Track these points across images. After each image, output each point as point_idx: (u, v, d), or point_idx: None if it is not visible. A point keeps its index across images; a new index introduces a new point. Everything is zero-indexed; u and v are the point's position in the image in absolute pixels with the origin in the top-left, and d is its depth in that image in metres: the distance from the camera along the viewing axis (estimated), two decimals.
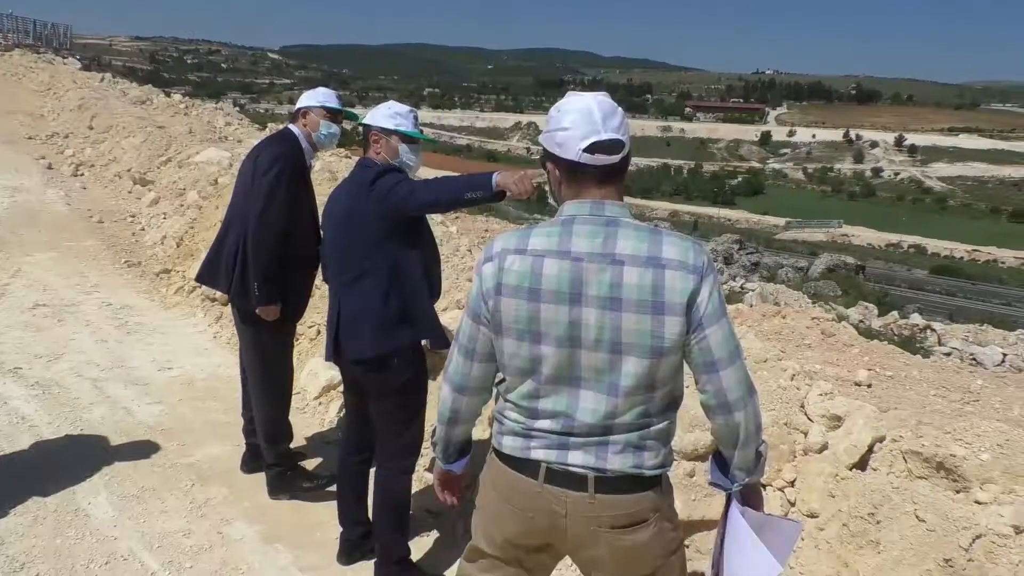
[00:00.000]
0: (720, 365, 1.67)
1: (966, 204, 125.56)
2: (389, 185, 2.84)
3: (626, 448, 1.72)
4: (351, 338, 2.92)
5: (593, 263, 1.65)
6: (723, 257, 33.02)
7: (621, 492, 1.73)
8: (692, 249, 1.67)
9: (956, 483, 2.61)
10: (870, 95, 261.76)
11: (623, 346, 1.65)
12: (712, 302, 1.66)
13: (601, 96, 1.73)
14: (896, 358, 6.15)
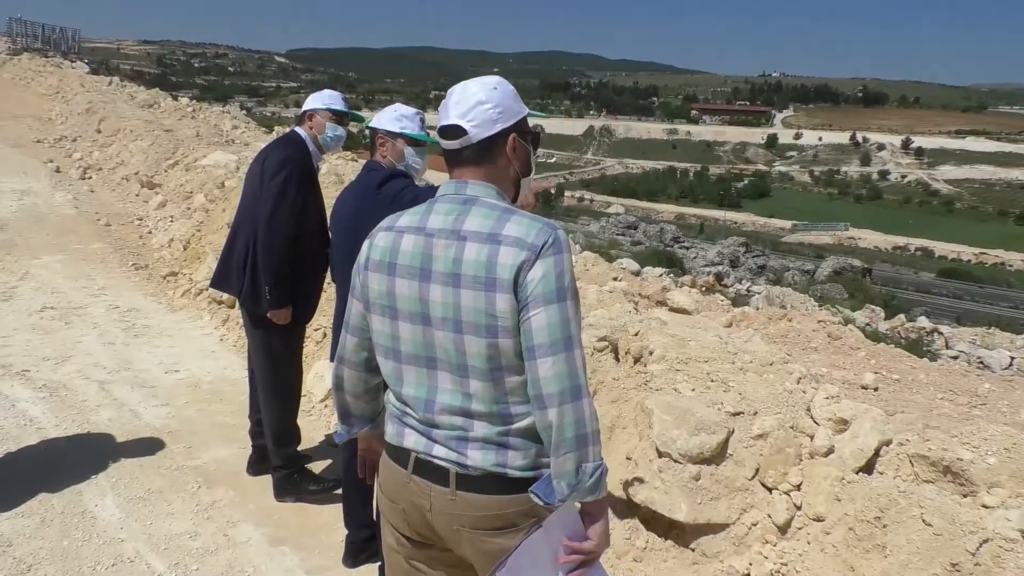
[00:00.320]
0: (538, 351, 1.57)
1: (973, 207, 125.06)
2: (394, 191, 2.84)
3: (487, 444, 1.66)
4: None
5: (441, 239, 1.65)
6: (729, 260, 32.97)
7: (484, 492, 1.67)
8: (537, 229, 1.61)
9: (963, 487, 2.60)
10: (877, 97, 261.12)
11: (463, 324, 1.62)
12: (545, 283, 1.57)
13: (477, 80, 1.75)
14: (903, 361, 6.14)
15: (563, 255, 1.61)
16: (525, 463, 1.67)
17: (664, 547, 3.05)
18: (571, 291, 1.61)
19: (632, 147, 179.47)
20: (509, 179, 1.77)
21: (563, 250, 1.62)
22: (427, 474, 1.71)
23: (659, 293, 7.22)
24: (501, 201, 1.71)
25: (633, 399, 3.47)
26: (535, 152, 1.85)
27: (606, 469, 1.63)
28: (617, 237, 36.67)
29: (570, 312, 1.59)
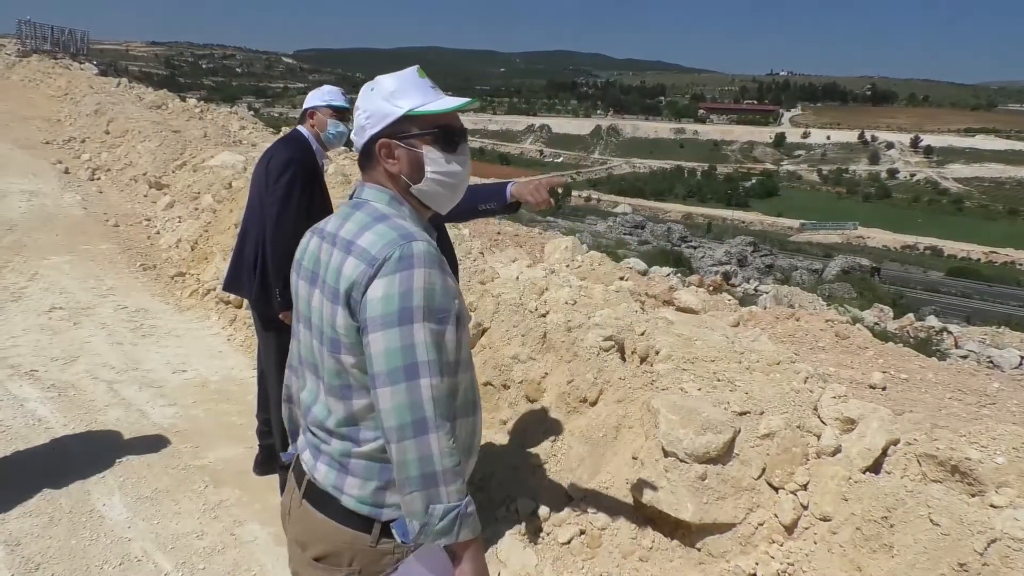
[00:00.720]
0: (377, 380, 1.45)
1: (983, 205, 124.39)
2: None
3: (332, 462, 1.59)
4: None
5: (326, 243, 1.61)
6: (737, 259, 32.88)
7: (320, 509, 1.60)
8: (386, 241, 1.49)
9: (971, 487, 2.58)
10: (885, 96, 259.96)
11: (323, 335, 1.57)
12: (385, 304, 1.44)
13: (371, 81, 1.67)
14: (911, 361, 6.11)
15: (413, 271, 1.46)
16: (361, 495, 1.56)
17: (670, 547, 3.04)
18: (424, 312, 1.45)
19: (639, 146, 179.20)
20: (400, 186, 1.63)
21: (414, 266, 1.46)
22: (297, 477, 1.70)
23: (666, 293, 7.21)
24: (390, 207, 1.60)
25: (639, 399, 3.46)
26: (450, 148, 1.63)
27: (465, 512, 1.46)
28: (624, 236, 36.63)
29: (419, 337, 1.44)
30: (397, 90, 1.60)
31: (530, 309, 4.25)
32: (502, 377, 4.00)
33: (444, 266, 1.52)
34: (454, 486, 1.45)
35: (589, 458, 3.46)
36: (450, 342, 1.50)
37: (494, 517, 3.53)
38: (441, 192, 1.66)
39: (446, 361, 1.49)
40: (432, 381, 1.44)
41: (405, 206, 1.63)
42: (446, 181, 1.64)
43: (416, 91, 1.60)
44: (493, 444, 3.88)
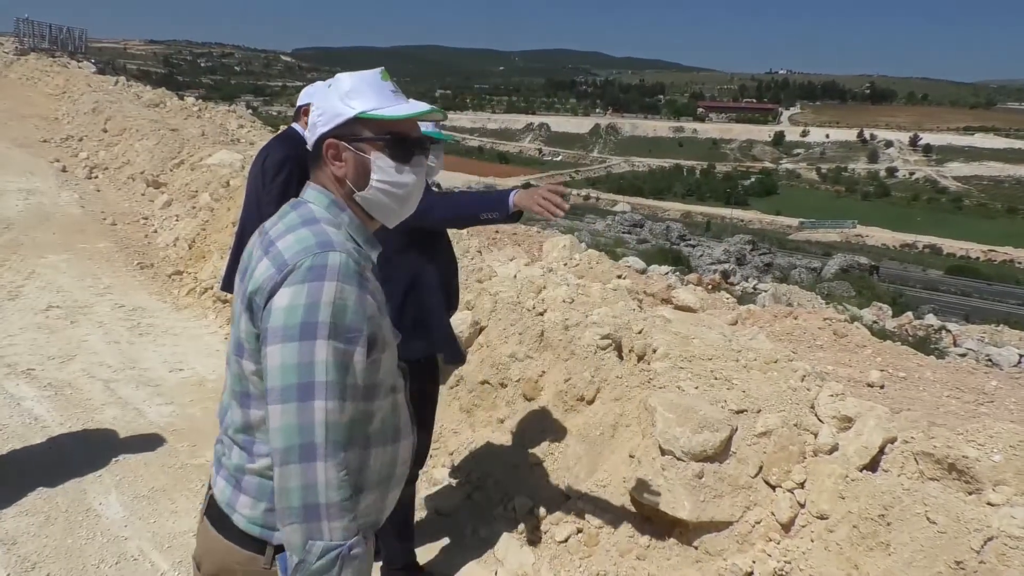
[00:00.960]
0: (270, 396, 1.34)
1: (982, 204, 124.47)
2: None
3: (229, 476, 1.50)
4: None
5: (259, 240, 1.53)
6: (736, 258, 32.87)
7: (216, 526, 1.51)
8: (301, 247, 1.39)
9: (968, 485, 2.58)
10: (884, 94, 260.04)
11: (236, 337, 1.48)
12: (288, 315, 1.33)
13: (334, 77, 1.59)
14: (909, 359, 6.11)
15: (323, 284, 1.34)
16: (252, 515, 1.46)
17: (667, 545, 3.04)
18: (330, 329, 1.33)
19: (638, 145, 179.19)
20: (344, 191, 1.53)
21: (325, 278, 1.35)
22: (209, 490, 1.60)
23: (664, 291, 7.20)
24: (327, 212, 1.50)
25: (636, 397, 3.46)
26: (402, 158, 1.53)
27: (348, 554, 1.33)
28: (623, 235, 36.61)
29: (320, 355, 1.32)
30: (353, 90, 1.51)
31: (527, 307, 4.25)
32: (499, 376, 4.00)
33: (364, 283, 1.41)
34: (339, 523, 1.32)
35: (586, 457, 3.46)
36: (358, 364, 1.38)
37: (491, 516, 3.53)
38: (386, 203, 1.55)
39: (351, 385, 1.37)
40: (328, 404, 1.32)
41: (346, 213, 1.52)
42: (393, 192, 1.54)
43: (373, 93, 1.50)
44: (490, 443, 3.88)
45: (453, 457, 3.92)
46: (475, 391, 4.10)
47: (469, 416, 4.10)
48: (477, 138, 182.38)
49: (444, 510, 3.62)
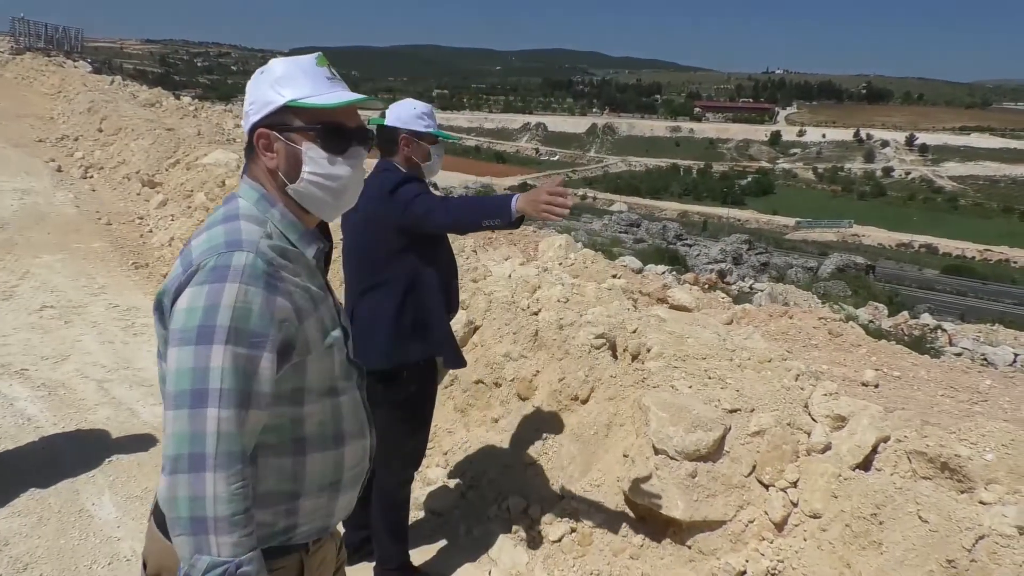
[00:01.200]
0: (166, 401, 1.28)
1: (978, 203, 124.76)
2: (408, 198, 2.73)
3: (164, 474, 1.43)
4: (363, 348, 2.85)
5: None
6: (732, 257, 32.90)
7: (157, 524, 1.46)
8: (211, 246, 1.34)
9: (961, 483, 2.58)
10: (881, 94, 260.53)
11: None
12: (188, 318, 1.27)
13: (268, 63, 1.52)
14: (904, 358, 6.11)
15: (224, 286, 1.28)
16: None
17: (661, 544, 3.04)
18: (230, 334, 1.26)
19: (635, 145, 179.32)
20: (277, 183, 1.47)
21: (227, 279, 1.29)
22: None
23: (660, 291, 7.21)
24: (256, 207, 1.44)
25: (630, 396, 3.46)
26: (336, 149, 1.45)
27: (239, 572, 1.25)
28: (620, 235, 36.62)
29: (216, 361, 1.25)
30: (284, 76, 1.43)
31: (522, 307, 4.25)
32: (493, 375, 4.00)
33: (275, 285, 1.34)
34: (228, 538, 1.24)
35: (580, 456, 3.46)
36: (266, 371, 1.30)
37: (486, 515, 3.52)
38: (319, 196, 1.47)
39: (257, 392, 1.29)
40: (222, 413, 1.25)
41: (277, 208, 1.46)
42: (326, 184, 1.46)
43: (306, 80, 1.43)
44: (485, 442, 3.88)
45: (447, 457, 3.92)
46: (469, 390, 4.10)
47: (463, 415, 4.10)
48: (474, 138, 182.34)
49: (438, 509, 3.62)
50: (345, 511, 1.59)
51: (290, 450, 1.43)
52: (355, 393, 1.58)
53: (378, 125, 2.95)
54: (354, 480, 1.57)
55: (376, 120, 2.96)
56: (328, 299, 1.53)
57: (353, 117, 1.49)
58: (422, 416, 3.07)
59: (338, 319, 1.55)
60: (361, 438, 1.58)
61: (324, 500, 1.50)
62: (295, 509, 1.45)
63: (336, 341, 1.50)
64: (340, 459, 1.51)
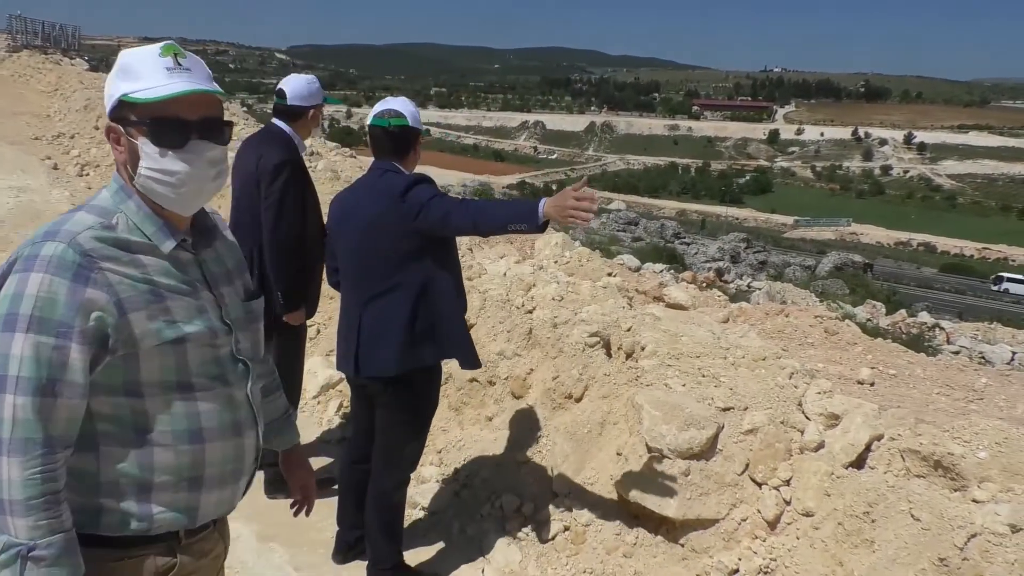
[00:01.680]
0: None
1: (976, 202, 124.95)
2: (422, 200, 2.66)
3: None
4: (373, 353, 2.80)
5: None
6: (730, 256, 32.91)
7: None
8: (36, 234, 1.38)
9: (954, 481, 2.57)
10: (879, 93, 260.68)
11: None
12: None
13: None
14: (900, 356, 6.11)
15: (30, 275, 1.31)
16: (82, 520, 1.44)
17: (654, 543, 3.03)
18: (32, 323, 1.29)
19: (633, 143, 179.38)
20: (128, 176, 1.47)
21: (33, 269, 1.32)
22: None
23: (656, 289, 7.20)
24: (114, 197, 1.46)
25: (624, 395, 3.45)
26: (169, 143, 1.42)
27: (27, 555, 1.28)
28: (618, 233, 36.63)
29: (16, 348, 1.28)
30: (122, 69, 1.42)
31: (517, 305, 4.24)
32: (487, 373, 3.99)
33: (86, 275, 1.34)
34: (24, 521, 1.27)
35: (574, 454, 3.45)
36: (76, 361, 1.32)
37: (479, 514, 3.52)
38: (160, 191, 1.44)
39: (65, 381, 1.31)
40: (18, 400, 1.27)
41: (132, 200, 1.46)
42: (164, 180, 1.43)
43: (145, 72, 1.40)
44: (478, 441, 3.87)
45: (441, 455, 3.91)
46: (464, 389, 4.09)
47: (457, 414, 4.09)
48: (472, 136, 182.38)
49: (432, 508, 3.61)
50: (220, 508, 1.58)
51: (134, 441, 1.44)
52: (229, 391, 1.55)
53: (401, 126, 2.85)
54: (224, 478, 1.56)
55: (400, 121, 2.86)
56: (200, 293, 1.51)
57: (197, 109, 1.44)
58: (424, 419, 3.06)
59: (217, 315, 1.53)
60: (234, 437, 1.56)
61: (184, 495, 1.49)
62: (148, 500, 1.46)
63: (195, 336, 1.47)
64: (199, 456, 1.50)
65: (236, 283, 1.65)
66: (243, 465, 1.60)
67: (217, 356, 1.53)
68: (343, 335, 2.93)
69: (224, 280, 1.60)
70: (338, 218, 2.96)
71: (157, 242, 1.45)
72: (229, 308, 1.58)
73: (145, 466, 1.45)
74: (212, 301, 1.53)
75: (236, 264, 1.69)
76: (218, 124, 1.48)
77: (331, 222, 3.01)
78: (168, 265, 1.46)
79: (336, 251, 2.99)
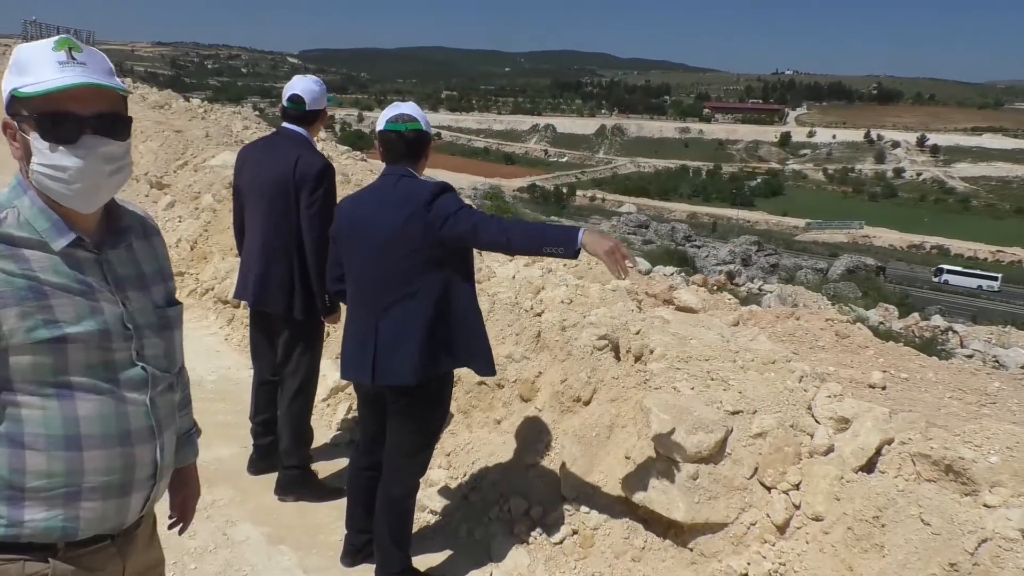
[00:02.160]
0: None
1: (990, 204, 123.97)
2: (450, 211, 2.64)
3: None
4: (392, 361, 2.77)
5: None
6: (741, 259, 32.81)
7: None
8: None
9: (965, 486, 2.55)
10: (891, 95, 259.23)
11: None
12: None
13: None
14: (912, 360, 6.06)
15: None
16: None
17: (663, 547, 3.02)
18: None
19: (644, 146, 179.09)
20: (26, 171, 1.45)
21: None
22: None
23: (666, 292, 7.18)
24: (11, 192, 1.46)
25: (632, 398, 3.44)
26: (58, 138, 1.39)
27: None
28: (629, 236, 36.58)
29: None
30: (15, 63, 1.40)
31: (525, 308, 4.24)
32: (496, 377, 3.97)
33: None
34: None
35: (582, 458, 3.44)
36: None
37: (487, 517, 3.52)
38: (53, 188, 1.42)
39: None
40: None
41: (28, 195, 1.45)
42: (55, 175, 1.40)
43: (36, 66, 1.38)
44: (487, 444, 3.87)
45: (450, 458, 3.91)
46: (472, 392, 4.09)
47: (466, 417, 4.09)
48: (483, 139, 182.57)
49: (440, 511, 3.61)
50: (105, 522, 1.51)
51: (3, 441, 1.40)
52: (120, 398, 1.49)
53: (417, 131, 2.83)
54: (109, 490, 1.48)
55: (415, 126, 2.84)
56: (97, 294, 1.47)
57: (90, 104, 1.40)
58: (437, 427, 3.07)
59: (117, 318, 1.48)
60: (121, 447, 1.49)
61: (60, 503, 1.43)
62: (20, 504, 1.41)
63: (81, 337, 1.42)
64: (75, 463, 1.44)
65: (152, 288, 1.60)
66: (133, 478, 1.51)
67: (110, 360, 1.47)
68: (356, 342, 2.89)
69: (134, 284, 1.55)
70: (349, 225, 2.90)
71: (48, 239, 1.42)
72: (135, 312, 1.52)
73: (16, 469, 1.40)
74: (113, 303, 1.48)
75: (157, 269, 1.64)
76: (116, 120, 1.44)
77: (340, 228, 2.96)
78: (59, 262, 1.42)
79: (344, 259, 2.95)
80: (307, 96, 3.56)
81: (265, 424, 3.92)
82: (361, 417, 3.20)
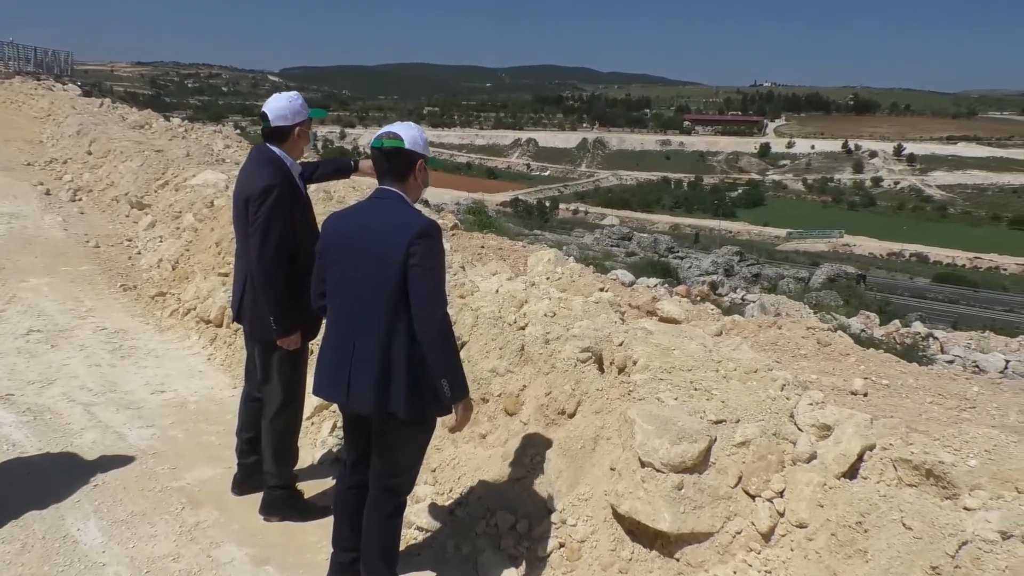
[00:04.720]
0: None
1: (966, 212, 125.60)
2: (427, 263, 2.69)
3: None
4: (371, 387, 2.78)
5: None
6: (724, 269, 32.98)
7: None
8: None
9: (945, 490, 2.58)
10: (868, 105, 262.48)
11: None
12: None
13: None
14: (893, 366, 6.13)
15: None
16: None
17: (649, 557, 3.03)
18: None
19: (626, 158, 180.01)
20: None
21: None
22: None
23: (649, 303, 7.21)
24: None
25: (617, 409, 3.46)
26: None
27: None
28: (611, 248, 36.69)
29: None
30: None
31: (509, 322, 4.25)
32: (480, 391, 3.99)
33: None
34: None
35: (568, 470, 3.44)
36: None
37: (474, 532, 3.50)
38: None
39: None
40: None
41: None
42: None
43: None
44: (472, 458, 3.86)
45: (435, 473, 3.90)
46: None
47: (451, 431, 4.08)
48: (465, 154, 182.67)
49: (426, 527, 3.60)
50: None
51: None
52: None
53: (395, 148, 2.80)
54: None
55: (393, 143, 2.81)
56: None
57: None
58: (423, 445, 3.08)
59: None
60: None
61: None
62: None
63: None
64: None
65: None
66: None
67: None
68: (334, 363, 2.88)
69: None
70: (334, 243, 2.88)
71: None
72: None
73: None
74: None
75: None
76: None
77: (325, 246, 2.94)
78: None
79: (328, 275, 2.94)
80: (271, 113, 3.56)
81: (250, 442, 3.90)
82: (346, 436, 3.19)
